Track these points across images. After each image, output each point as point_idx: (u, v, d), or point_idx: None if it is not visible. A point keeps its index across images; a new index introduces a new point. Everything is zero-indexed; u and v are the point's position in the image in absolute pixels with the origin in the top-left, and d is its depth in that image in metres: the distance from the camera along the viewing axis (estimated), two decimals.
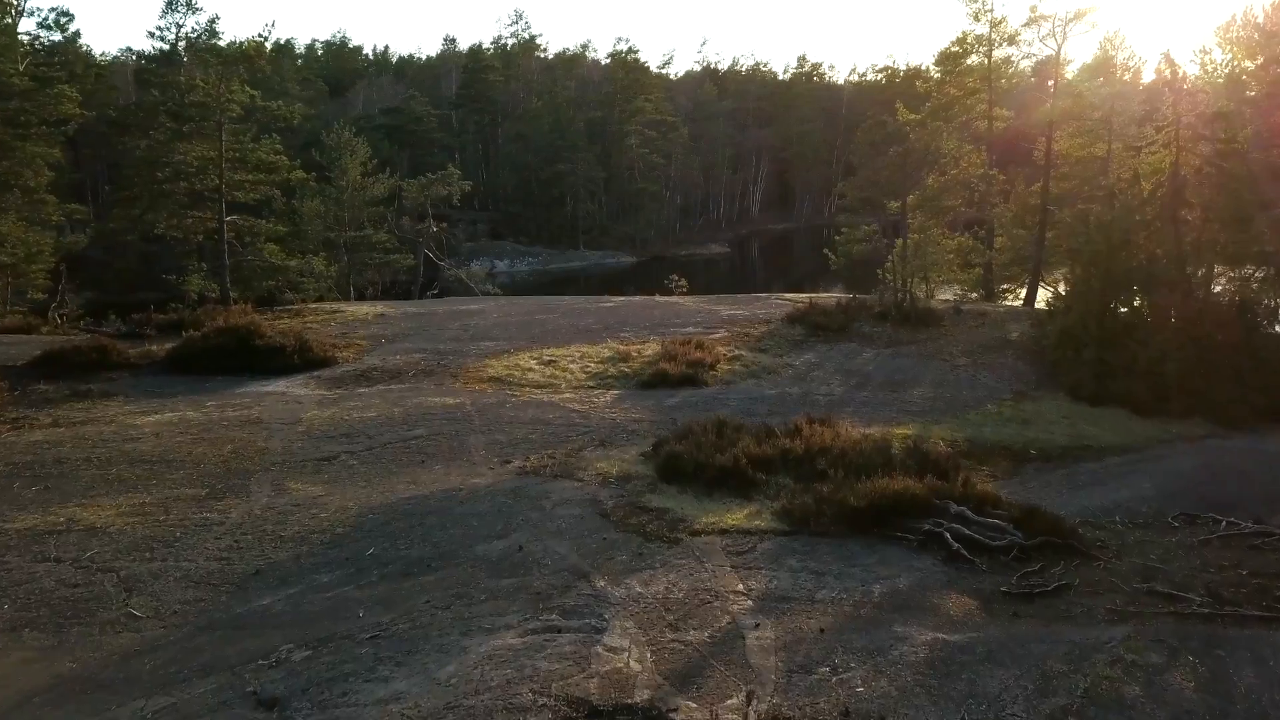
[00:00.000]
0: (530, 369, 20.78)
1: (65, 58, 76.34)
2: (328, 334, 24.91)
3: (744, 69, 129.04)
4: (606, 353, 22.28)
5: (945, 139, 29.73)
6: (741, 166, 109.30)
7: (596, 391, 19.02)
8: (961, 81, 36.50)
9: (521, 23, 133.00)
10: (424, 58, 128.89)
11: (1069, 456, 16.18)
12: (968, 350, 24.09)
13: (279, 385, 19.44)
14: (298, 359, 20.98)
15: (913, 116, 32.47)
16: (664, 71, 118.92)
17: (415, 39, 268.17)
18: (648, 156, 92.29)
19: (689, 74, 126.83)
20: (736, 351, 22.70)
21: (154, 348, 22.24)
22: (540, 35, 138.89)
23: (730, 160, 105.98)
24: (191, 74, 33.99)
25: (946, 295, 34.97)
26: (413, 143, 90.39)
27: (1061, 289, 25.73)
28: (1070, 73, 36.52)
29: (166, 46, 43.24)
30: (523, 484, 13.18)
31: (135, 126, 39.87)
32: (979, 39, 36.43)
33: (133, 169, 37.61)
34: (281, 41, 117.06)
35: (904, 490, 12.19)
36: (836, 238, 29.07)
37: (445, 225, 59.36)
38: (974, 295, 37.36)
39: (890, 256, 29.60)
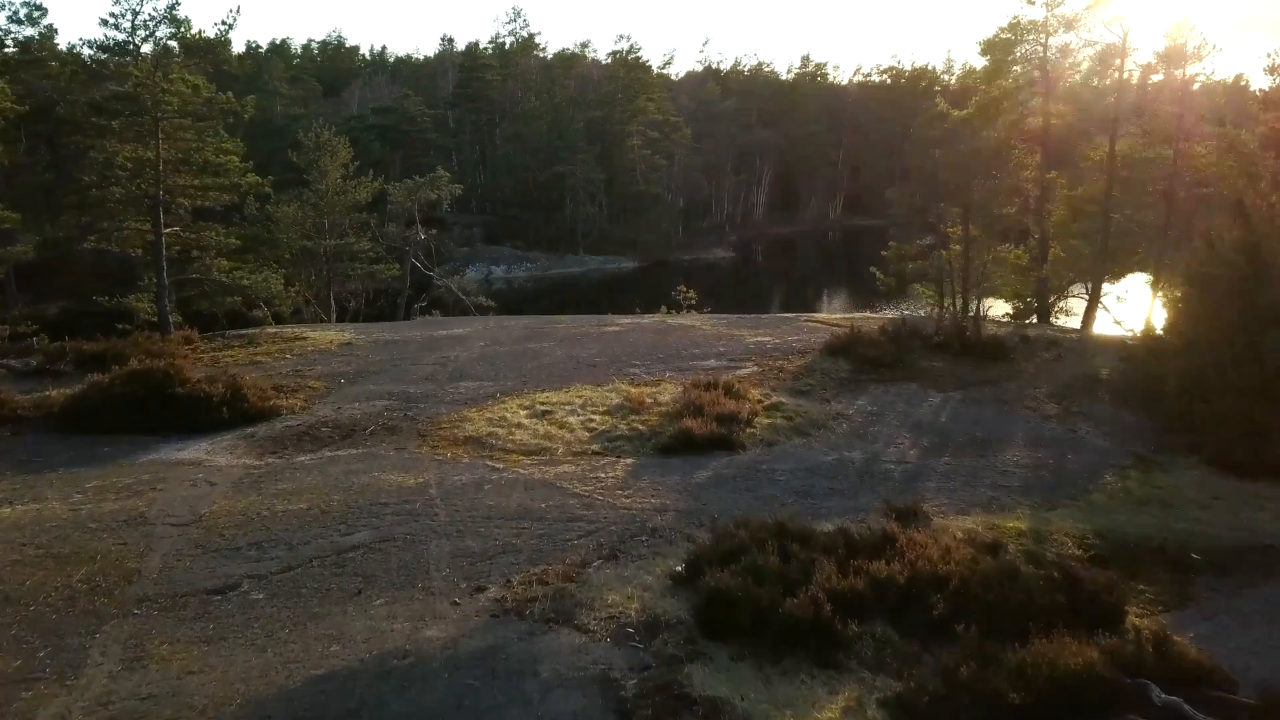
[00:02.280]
0: (519, 424, 16.48)
1: (39, 54, 72.40)
2: (278, 371, 20.70)
3: (747, 69, 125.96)
4: (614, 399, 18.01)
5: (1009, 136, 25.48)
6: (745, 169, 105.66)
7: (603, 461, 14.71)
8: (1014, 72, 32.21)
9: (519, 21, 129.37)
10: (421, 58, 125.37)
11: (1247, 564, 11.95)
12: (1053, 393, 19.86)
13: (196, 450, 15.14)
14: (228, 412, 16.60)
15: (957, 112, 28.39)
16: (665, 71, 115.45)
17: (413, 39, 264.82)
18: (649, 158, 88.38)
19: (690, 74, 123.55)
20: (774, 397, 18.42)
21: (54, 393, 17.88)
22: (539, 34, 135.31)
23: (733, 162, 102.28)
24: (123, 64, 29.66)
25: (992, 315, 31.00)
26: (407, 144, 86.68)
27: (1159, 314, 21.44)
28: (1135, 62, 32.17)
29: (122, 36, 38.84)
30: (499, 640, 8.90)
31: (89, 125, 35.77)
32: (1032, 24, 32.14)
33: (82, 171, 33.44)
34: (277, 41, 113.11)
35: (1083, 670, 7.94)
36: (884, 253, 24.82)
37: (435, 232, 55.24)
38: (1009, 312, 33.59)
39: (930, 272, 25.44)
